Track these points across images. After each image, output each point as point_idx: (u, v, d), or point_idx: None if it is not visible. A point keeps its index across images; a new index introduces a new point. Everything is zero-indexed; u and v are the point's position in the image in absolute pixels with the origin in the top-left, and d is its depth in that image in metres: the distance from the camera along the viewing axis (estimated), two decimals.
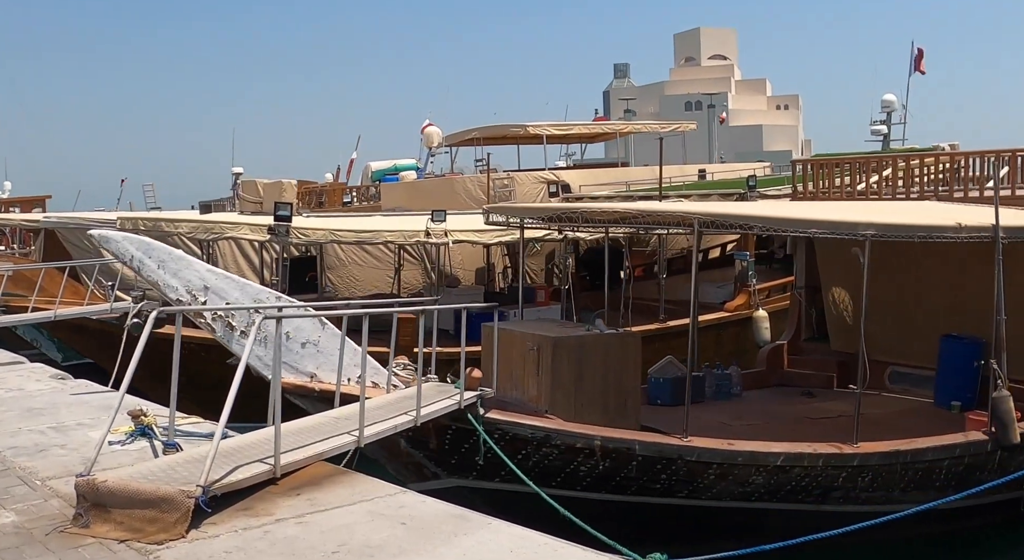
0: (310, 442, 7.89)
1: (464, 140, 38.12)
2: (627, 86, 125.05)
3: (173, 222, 20.56)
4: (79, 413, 9.80)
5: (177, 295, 10.75)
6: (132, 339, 18.22)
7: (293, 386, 11.21)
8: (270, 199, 26.86)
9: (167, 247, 10.96)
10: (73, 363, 24.15)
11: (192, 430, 8.79)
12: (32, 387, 11.40)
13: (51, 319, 18.55)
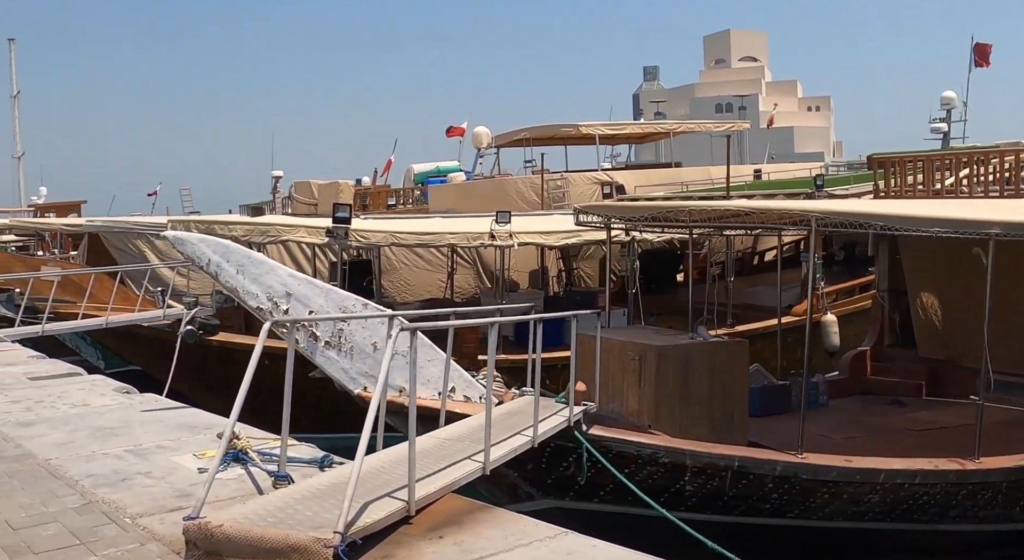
0: (433, 471, 6.82)
1: (512, 141, 37.19)
2: (657, 89, 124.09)
3: (227, 225, 19.67)
4: (156, 433, 8.80)
5: (258, 303, 9.80)
6: (186, 347, 17.48)
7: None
8: (326, 201, 25.97)
9: (246, 250, 10.01)
10: (118, 370, 23.32)
11: (291, 454, 7.74)
12: (98, 402, 10.43)
13: (102, 327, 17.66)
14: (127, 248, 25.31)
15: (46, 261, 20.77)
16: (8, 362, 13.68)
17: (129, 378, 14.26)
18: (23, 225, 36.52)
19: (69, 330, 17.59)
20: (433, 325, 9.10)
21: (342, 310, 10.09)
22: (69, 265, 20.86)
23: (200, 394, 18.21)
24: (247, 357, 16.98)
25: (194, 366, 17.96)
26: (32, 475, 7.43)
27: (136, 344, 20.37)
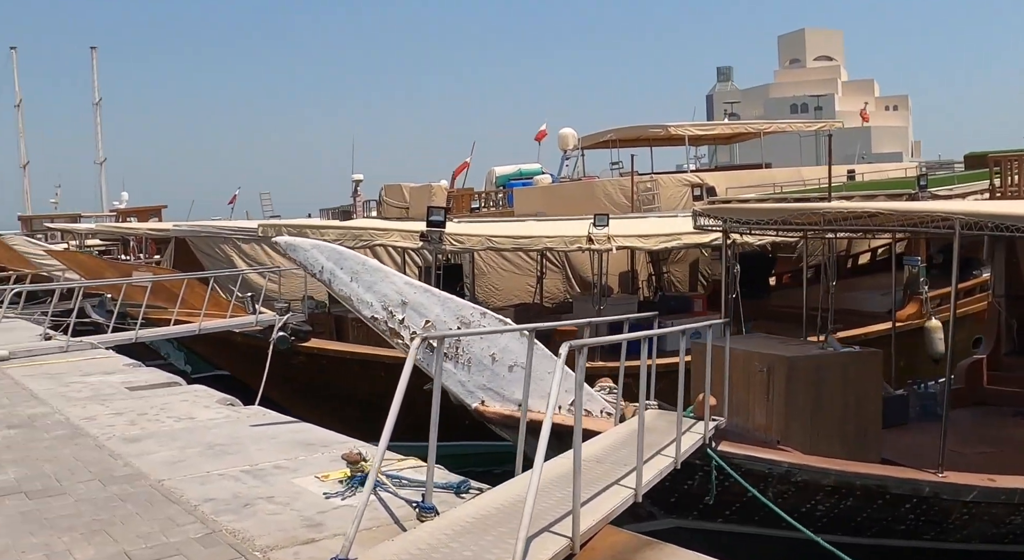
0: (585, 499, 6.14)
1: (598, 142, 36.44)
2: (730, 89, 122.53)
3: (319, 229, 19.22)
4: (271, 451, 8.26)
5: (372, 312, 9.22)
6: (278, 353, 17.04)
7: (501, 416, 9.62)
8: (417, 204, 25.47)
9: (361, 256, 9.44)
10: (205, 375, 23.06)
11: (411, 476, 7.15)
12: (203, 416, 9.94)
13: (195, 333, 17.31)
14: (214, 252, 25.10)
15: (137, 266, 20.56)
16: (105, 370, 13.32)
17: (216, 383, 13.88)
18: (109, 230, 36.69)
19: (162, 336, 17.27)
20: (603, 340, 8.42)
21: (460, 319, 9.48)
22: (159, 270, 20.61)
23: (290, 401, 17.81)
24: (338, 364, 16.47)
25: (284, 373, 17.57)
26: (147, 499, 6.91)
27: (225, 349, 20.05)
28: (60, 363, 14.23)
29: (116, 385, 12.01)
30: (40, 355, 15.11)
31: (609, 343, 11.98)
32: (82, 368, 13.61)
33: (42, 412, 10.42)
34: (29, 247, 29.36)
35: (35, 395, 11.52)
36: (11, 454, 8.52)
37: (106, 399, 11.03)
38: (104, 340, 16.08)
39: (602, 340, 9.90)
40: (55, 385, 12.16)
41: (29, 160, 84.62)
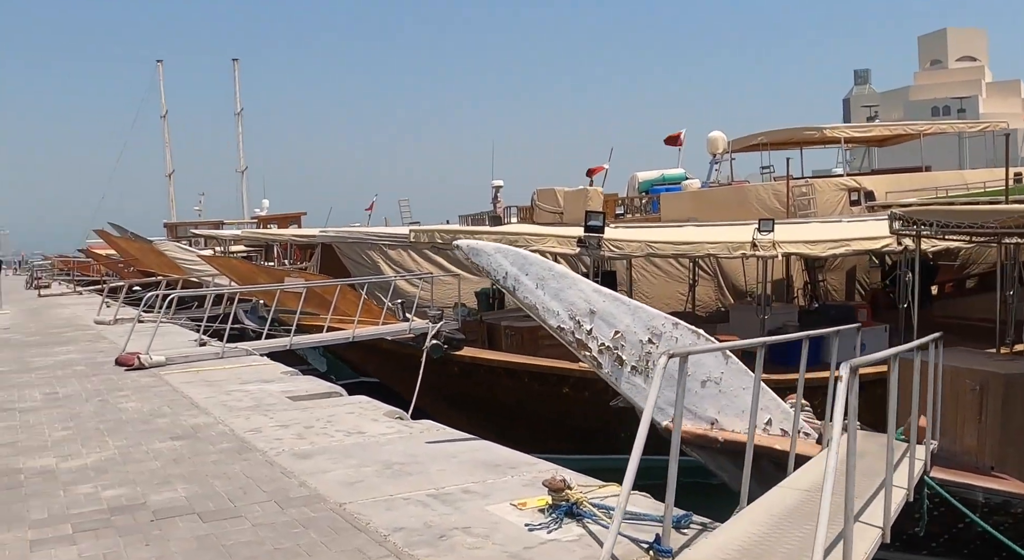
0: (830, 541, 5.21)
1: (748, 146, 35.11)
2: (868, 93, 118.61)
3: (472, 234, 18.60)
4: (455, 473, 7.53)
5: (558, 322, 8.47)
6: (431, 362, 16.44)
7: (693, 435, 8.72)
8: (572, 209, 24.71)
9: (547, 262, 8.69)
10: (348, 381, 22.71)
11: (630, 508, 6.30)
12: (373, 430, 9.30)
13: (349, 340, 16.86)
14: (360, 258, 24.80)
15: (288, 272, 20.31)
16: (264, 379, 12.88)
17: (363, 390, 13.35)
18: (254, 236, 36.99)
19: (317, 343, 16.90)
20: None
21: (650, 330, 8.67)
22: (311, 276, 20.32)
23: (440, 410, 17.24)
24: (491, 374, 15.68)
25: (434, 381, 17.01)
26: (330, 525, 6.25)
27: (373, 356, 19.61)
28: (217, 370, 13.88)
29: (277, 394, 11.52)
30: (196, 361, 14.84)
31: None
32: (240, 375, 13.22)
33: (205, 422, 9.95)
34: (180, 253, 29.64)
35: (196, 403, 11.10)
36: (179, 468, 8.01)
37: (269, 409, 10.53)
38: (259, 346, 15.74)
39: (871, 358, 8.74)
40: (215, 393, 11.75)
41: (174, 169, 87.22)
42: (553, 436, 16.88)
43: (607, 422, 16.42)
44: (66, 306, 33.61)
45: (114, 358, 15.36)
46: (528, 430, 16.69)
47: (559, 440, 16.66)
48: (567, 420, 17.00)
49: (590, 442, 16.60)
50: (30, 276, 57.43)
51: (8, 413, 11.15)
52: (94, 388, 12.80)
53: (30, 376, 14.49)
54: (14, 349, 18.95)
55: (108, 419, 10.41)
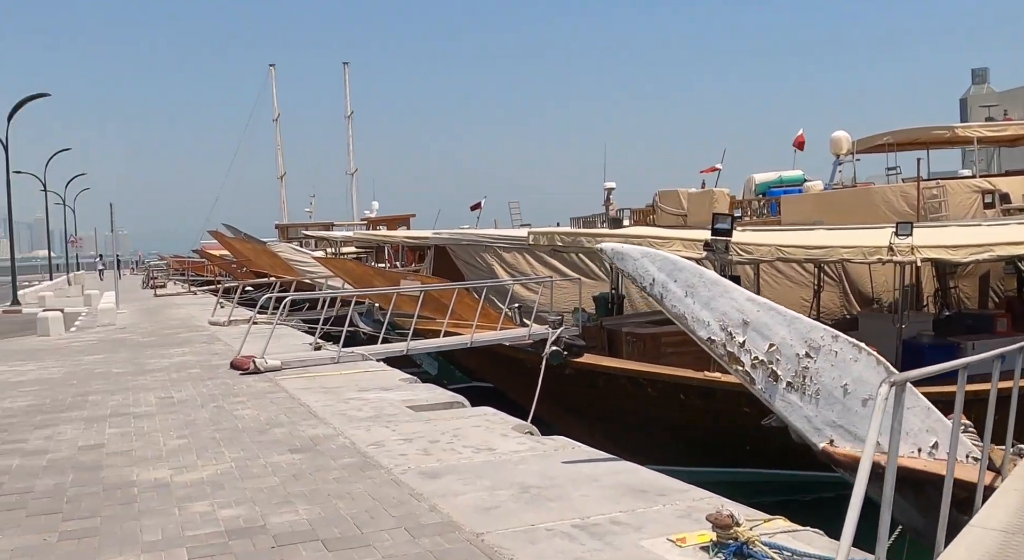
0: None
1: (873, 146, 33.60)
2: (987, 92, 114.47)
3: (593, 237, 17.86)
4: (600, 500, 6.80)
5: (709, 333, 7.69)
6: (551, 369, 15.76)
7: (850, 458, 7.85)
8: (697, 211, 23.79)
9: (698, 268, 7.93)
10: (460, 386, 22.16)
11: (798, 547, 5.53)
12: (503, 446, 8.63)
13: (467, 345, 16.25)
14: (474, 261, 24.23)
15: (404, 274, 19.84)
16: (382, 386, 12.33)
17: (476, 395, 12.79)
18: (366, 237, 36.82)
19: (435, 348, 16.31)
20: None
21: (808, 343, 7.82)
22: (427, 279, 19.79)
23: (558, 417, 16.61)
24: (612, 382, 14.91)
25: (552, 388, 16.34)
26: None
27: (488, 360, 19.00)
28: (334, 375, 13.41)
29: (397, 404, 10.94)
30: (312, 366, 14.41)
31: None
32: (358, 382, 12.70)
33: (324, 434, 9.41)
34: (293, 254, 29.50)
35: (313, 412, 10.59)
36: (299, 485, 7.45)
37: (390, 420, 9.94)
38: (375, 351, 15.24)
39: None
40: (333, 401, 11.23)
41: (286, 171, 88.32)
42: (675, 447, 16.17)
43: (731, 434, 15.59)
44: (181, 306, 33.89)
45: (229, 361, 15.04)
46: (648, 440, 16.03)
47: (681, 451, 15.94)
48: (690, 431, 16.23)
49: (713, 454, 15.80)
50: (146, 276, 58.59)
51: (123, 419, 10.81)
52: (209, 393, 12.43)
53: (145, 379, 14.24)
54: (130, 350, 18.86)
55: (224, 427, 9.96)
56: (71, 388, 13.66)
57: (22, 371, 16.13)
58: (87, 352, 18.97)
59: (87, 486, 7.73)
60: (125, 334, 23.00)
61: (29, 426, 10.66)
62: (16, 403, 12.49)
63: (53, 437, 9.92)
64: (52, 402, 12.41)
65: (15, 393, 13.44)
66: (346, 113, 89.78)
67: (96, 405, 11.93)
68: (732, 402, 15.68)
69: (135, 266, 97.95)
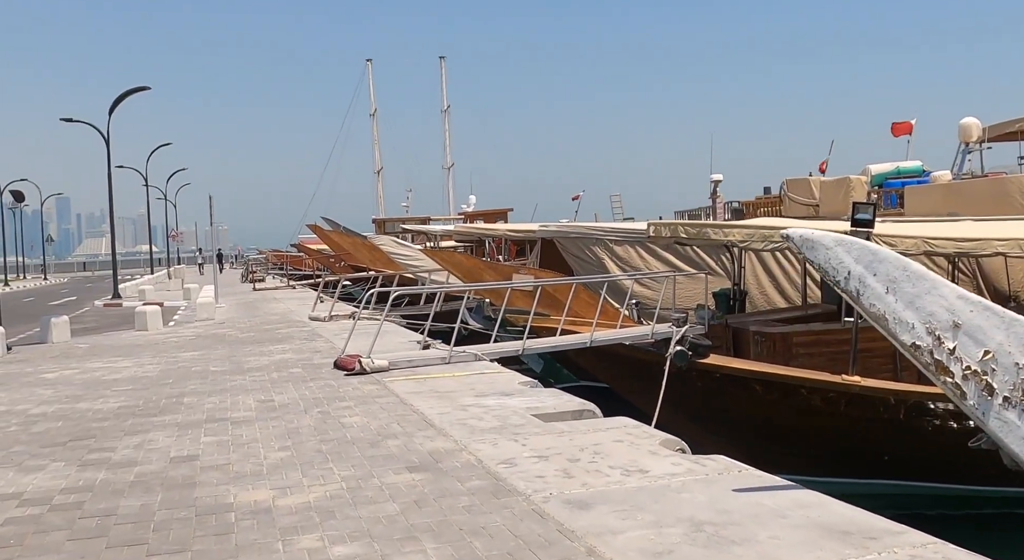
0: None
1: (1005, 133, 31.48)
2: None
3: (721, 228, 16.47)
4: (793, 543, 5.47)
5: (913, 337, 6.32)
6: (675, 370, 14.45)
7: None
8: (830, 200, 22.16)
9: (901, 259, 6.53)
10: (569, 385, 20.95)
11: None
12: (655, 467, 7.33)
13: (586, 345, 15.00)
14: (584, 255, 22.93)
15: (516, 269, 18.65)
16: (502, 390, 11.11)
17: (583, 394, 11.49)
18: (467, 231, 35.81)
19: (552, 348, 15.06)
20: None
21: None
22: (541, 273, 18.57)
23: (678, 423, 15.24)
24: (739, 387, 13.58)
25: (672, 390, 15.03)
26: None
27: (602, 360, 17.73)
28: (446, 377, 12.25)
29: (521, 412, 9.71)
30: (421, 366, 13.28)
31: None
32: (473, 385, 11.51)
33: (445, 448, 8.22)
34: (395, 247, 28.53)
35: (429, 420, 9.42)
36: (423, 515, 6.25)
37: (518, 432, 8.71)
38: (488, 351, 14.04)
39: None
40: (449, 408, 10.05)
41: (383, 166, 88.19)
42: (806, 457, 14.80)
43: (870, 444, 14.06)
44: (280, 300, 33.26)
45: (332, 360, 14.02)
46: (779, 449, 14.54)
47: (812, 461, 14.45)
48: (824, 440, 14.87)
49: (847, 465, 14.43)
50: (245, 270, 58.59)
51: (221, 425, 9.78)
52: (312, 396, 11.37)
53: (244, 378, 13.27)
54: (229, 346, 18.02)
55: (331, 437, 8.84)
56: (166, 388, 12.76)
57: (117, 368, 15.33)
58: (184, 348, 18.18)
59: (177, 509, 6.64)
60: (224, 329, 22.25)
61: (119, 432, 9.71)
62: (108, 404, 11.60)
63: (143, 446, 8.92)
64: (145, 404, 11.49)
65: (108, 393, 12.58)
66: (443, 107, 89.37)
67: (191, 408, 10.96)
68: (872, 408, 14.37)
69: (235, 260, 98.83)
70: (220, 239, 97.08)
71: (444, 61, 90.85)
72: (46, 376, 14.79)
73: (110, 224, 44.83)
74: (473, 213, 63.84)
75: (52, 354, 18.26)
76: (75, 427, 10.11)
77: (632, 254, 22.97)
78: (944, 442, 13.19)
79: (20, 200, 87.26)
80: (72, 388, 13.19)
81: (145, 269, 76.68)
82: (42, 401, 12.12)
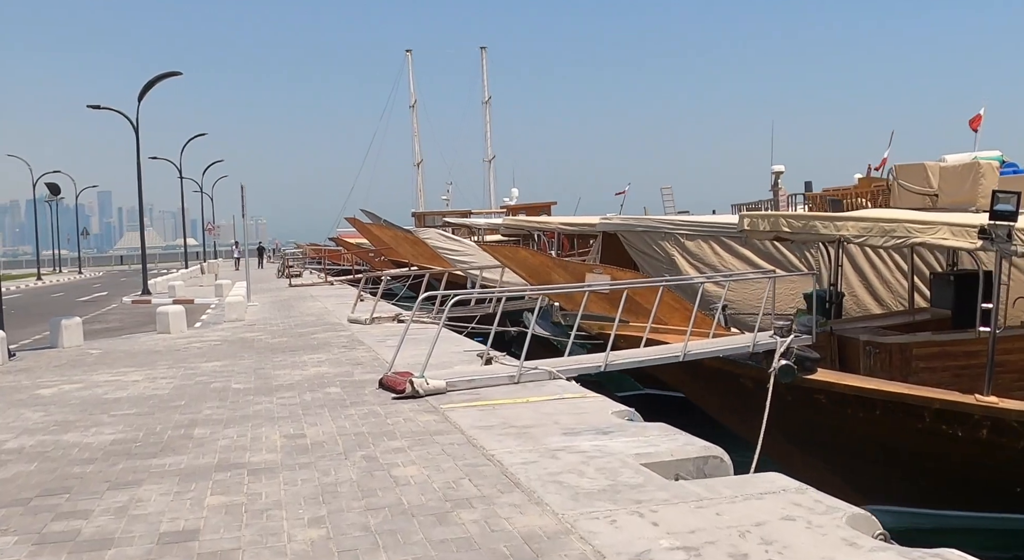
0: None
1: None
2: None
3: (832, 221, 13.97)
4: None
5: None
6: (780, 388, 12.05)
7: None
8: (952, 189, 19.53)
9: None
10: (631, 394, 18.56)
11: None
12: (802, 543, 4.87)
13: (679, 358, 12.58)
14: (651, 250, 20.43)
15: (591, 267, 16.22)
16: (597, 427, 8.65)
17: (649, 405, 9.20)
18: (516, 224, 33.43)
19: (638, 363, 12.57)
20: None
21: None
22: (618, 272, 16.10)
23: (776, 447, 12.89)
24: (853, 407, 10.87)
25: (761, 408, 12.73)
26: None
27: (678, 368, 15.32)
28: (519, 403, 9.84)
29: (630, 461, 7.28)
30: (483, 387, 10.88)
31: None
32: (557, 417, 9.07)
33: (543, 527, 5.78)
34: (443, 241, 26.12)
35: (511, 475, 7.00)
36: None
37: (639, 500, 6.26)
38: (565, 367, 11.62)
39: None
40: (534, 454, 7.63)
41: (422, 159, 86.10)
42: (932, 487, 12.68)
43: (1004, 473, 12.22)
44: (316, 298, 31.03)
45: (377, 378, 11.67)
46: (895, 478, 12.73)
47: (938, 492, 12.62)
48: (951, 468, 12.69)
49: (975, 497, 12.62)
50: (281, 264, 56.58)
51: (235, 475, 7.42)
52: (354, 430, 8.99)
53: (270, 401, 10.94)
54: (257, 355, 15.73)
55: (380, 503, 6.44)
56: (175, 413, 10.45)
57: (125, 383, 13.07)
58: (206, 356, 15.90)
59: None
60: (253, 333, 19.98)
61: (103, 483, 7.39)
62: (101, 436, 9.31)
63: (128, 509, 6.58)
64: (146, 437, 9.18)
65: (105, 419, 10.30)
66: (483, 99, 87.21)
67: (201, 445, 8.63)
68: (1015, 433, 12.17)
69: (272, 254, 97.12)
70: (259, 233, 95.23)
71: (485, 51, 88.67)
72: (42, 392, 12.57)
73: (139, 216, 42.85)
74: (516, 206, 61.68)
75: (58, 362, 16.05)
76: (51, 473, 7.82)
77: (705, 250, 20.46)
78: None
79: (56, 193, 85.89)
80: (65, 411, 10.93)
81: (182, 263, 75.03)
82: (25, 429, 9.87)
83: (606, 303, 14.92)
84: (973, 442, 12.41)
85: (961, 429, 12.49)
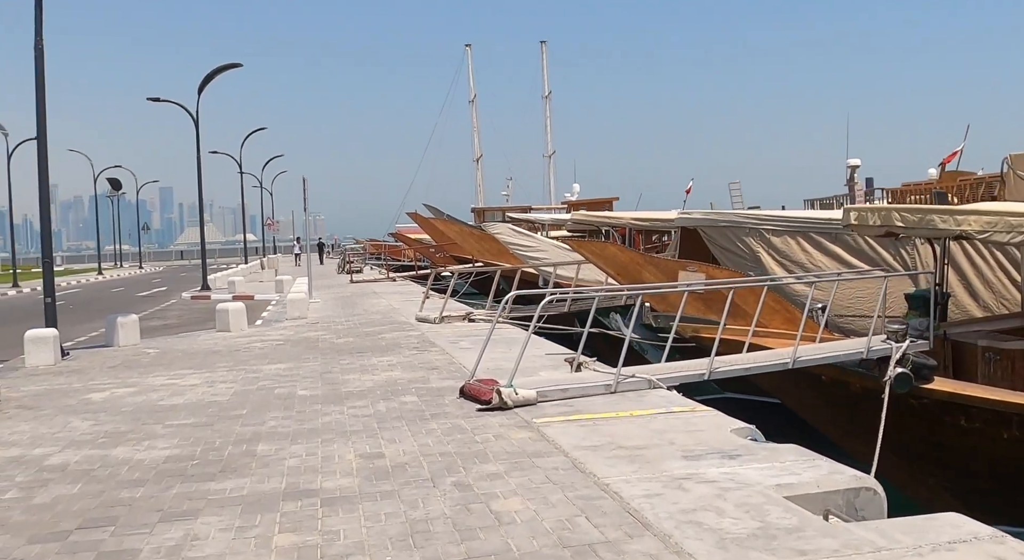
0: None
1: None
2: None
3: (951, 215, 12.63)
4: None
5: None
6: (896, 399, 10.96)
7: None
8: None
9: None
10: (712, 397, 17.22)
11: None
12: None
13: (787, 365, 11.35)
14: (734, 247, 19.12)
15: (684, 265, 14.99)
16: (720, 448, 7.45)
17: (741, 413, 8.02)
18: (585, 219, 32.24)
19: (744, 371, 11.31)
20: None
21: None
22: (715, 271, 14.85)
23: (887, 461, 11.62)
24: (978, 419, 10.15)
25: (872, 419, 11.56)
26: None
27: None
28: (622, 417, 8.68)
29: (772, 494, 6.09)
30: (577, 397, 9.73)
31: None
32: (670, 435, 7.89)
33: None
34: (514, 237, 24.97)
35: (635, 513, 5.84)
36: None
37: (803, 549, 5.07)
38: (665, 375, 10.42)
39: None
40: (656, 483, 6.45)
41: (482, 154, 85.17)
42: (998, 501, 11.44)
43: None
44: (380, 295, 30.08)
45: (457, 385, 10.56)
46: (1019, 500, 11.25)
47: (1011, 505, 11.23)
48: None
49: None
50: (342, 260, 55.90)
51: (306, 506, 6.34)
52: (440, 448, 7.88)
53: (341, 411, 9.88)
54: (323, 357, 14.71)
55: (483, 551, 5.32)
56: (236, 424, 9.43)
57: (182, 387, 12.12)
58: (269, 357, 14.93)
59: None
60: (317, 331, 19.02)
61: (153, 513, 6.35)
62: (154, 452, 8.31)
63: (182, 549, 5.53)
64: (203, 453, 8.15)
65: (160, 430, 9.31)
66: (543, 93, 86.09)
67: (265, 465, 7.57)
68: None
69: (331, 250, 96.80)
70: (318, 228, 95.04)
71: (545, 46, 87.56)
72: (93, 396, 11.65)
73: (199, 211, 42.29)
74: (577, 202, 60.57)
75: (112, 362, 15.18)
76: (95, 498, 6.81)
77: (792, 246, 19.10)
78: None
79: (117, 188, 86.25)
80: (117, 420, 9.98)
81: (243, 259, 74.91)
82: (71, 442, 8.90)
83: (700, 304, 13.71)
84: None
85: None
